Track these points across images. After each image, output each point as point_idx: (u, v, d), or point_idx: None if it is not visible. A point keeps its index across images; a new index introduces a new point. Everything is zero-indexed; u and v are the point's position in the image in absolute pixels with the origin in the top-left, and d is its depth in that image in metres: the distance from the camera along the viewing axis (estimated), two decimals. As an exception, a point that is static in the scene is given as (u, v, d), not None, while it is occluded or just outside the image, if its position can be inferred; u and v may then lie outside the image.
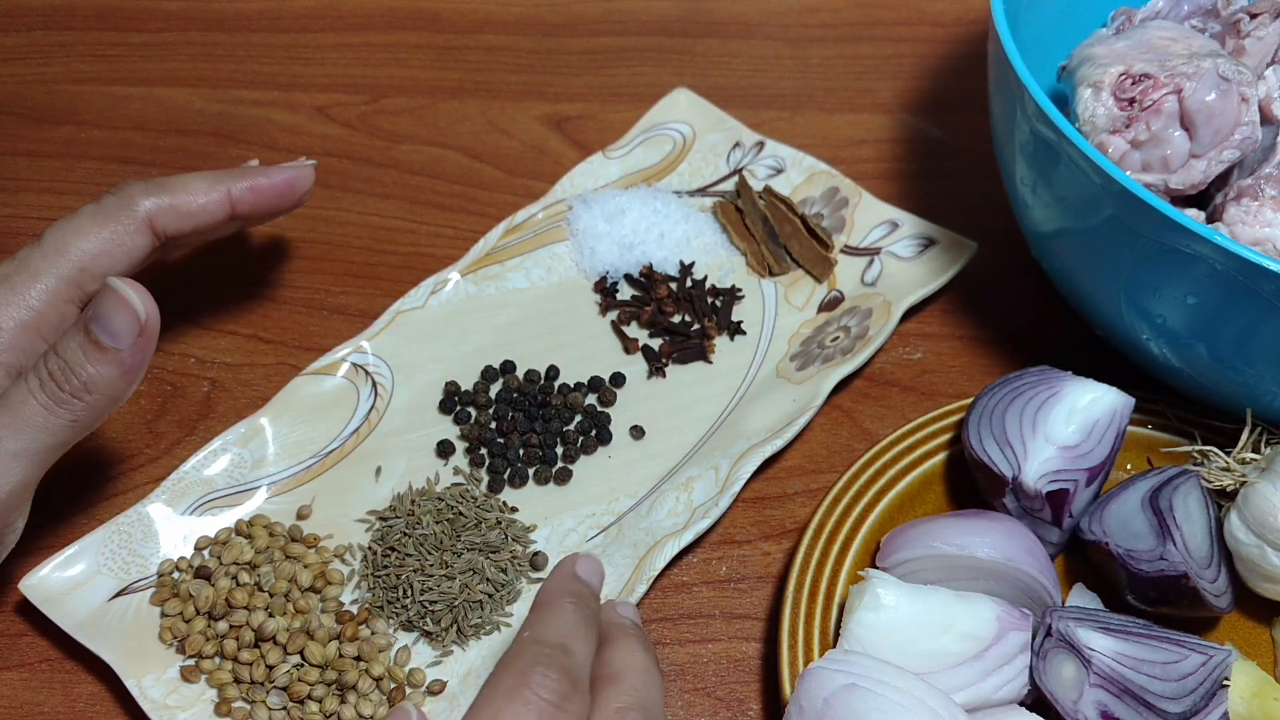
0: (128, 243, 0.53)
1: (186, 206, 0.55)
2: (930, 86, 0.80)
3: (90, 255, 0.52)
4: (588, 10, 0.84)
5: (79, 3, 0.84)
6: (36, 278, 0.51)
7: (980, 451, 0.54)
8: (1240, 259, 0.48)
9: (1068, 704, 0.48)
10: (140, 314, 0.48)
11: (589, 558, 0.47)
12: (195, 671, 0.52)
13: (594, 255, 0.67)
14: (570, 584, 0.46)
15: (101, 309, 0.47)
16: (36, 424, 0.47)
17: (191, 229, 0.56)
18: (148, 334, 0.48)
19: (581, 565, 0.47)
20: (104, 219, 0.53)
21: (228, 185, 0.56)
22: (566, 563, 0.47)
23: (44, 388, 0.47)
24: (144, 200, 0.54)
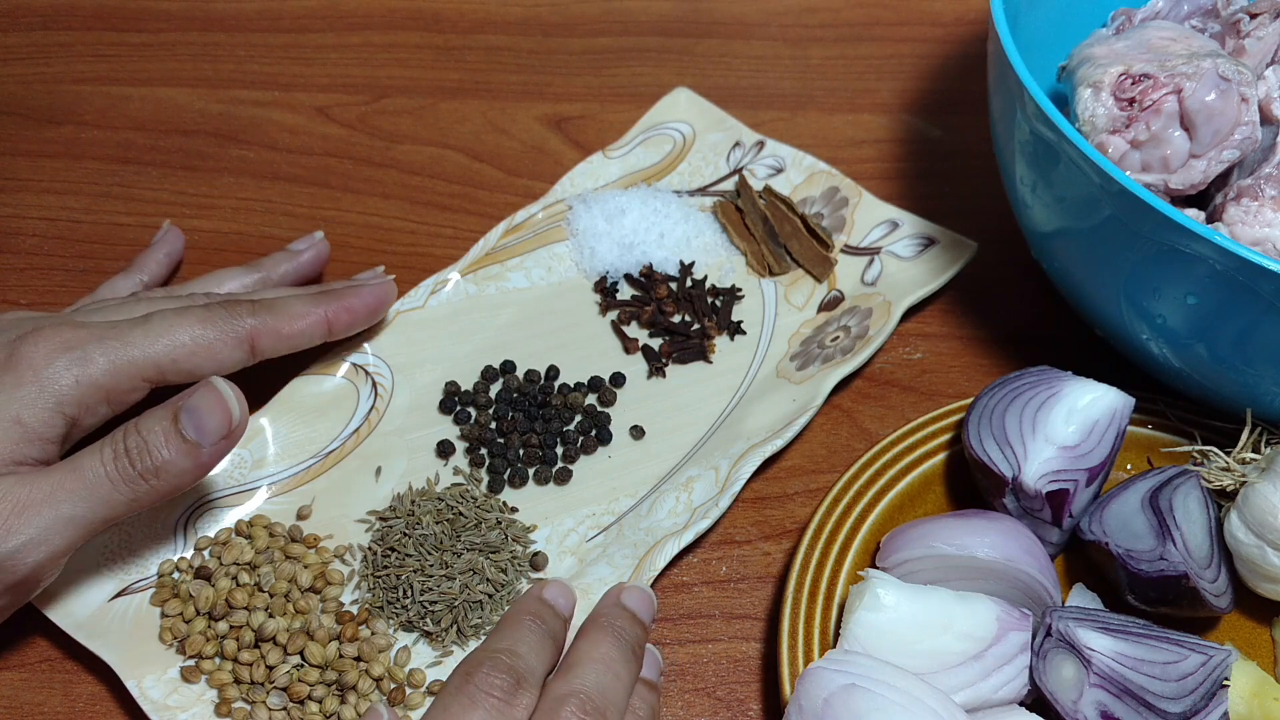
0: (224, 354, 0.54)
1: (288, 329, 0.56)
2: (930, 86, 0.80)
3: (186, 351, 0.52)
4: (588, 10, 0.84)
5: (79, 3, 0.84)
6: (130, 347, 0.51)
7: (980, 451, 0.54)
8: (1240, 259, 0.48)
9: (1068, 704, 0.48)
10: (234, 418, 0.49)
11: (558, 583, 0.50)
12: (195, 672, 0.52)
13: (594, 255, 0.67)
14: (533, 605, 0.48)
15: (197, 403, 0.48)
16: (100, 495, 0.48)
17: (287, 350, 0.57)
18: (232, 439, 0.50)
19: (549, 590, 0.49)
20: (211, 325, 0.53)
21: (324, 308, 0.58)
22: (535, 587, 0.50)
23: (116, 461, 0.48)
24: (250, 319, 0.55)
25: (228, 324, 0.54)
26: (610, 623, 0.48)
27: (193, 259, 0.69)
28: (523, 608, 0.48)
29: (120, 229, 0.70)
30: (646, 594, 0.50)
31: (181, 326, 0.53)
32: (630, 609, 0.49)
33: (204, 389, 0.49)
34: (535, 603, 0.48)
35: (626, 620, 0.48)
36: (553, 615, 0.48)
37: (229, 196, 0.72)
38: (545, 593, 0.49)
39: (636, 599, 0.50)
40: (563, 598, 0.49)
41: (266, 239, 0.70)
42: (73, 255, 0.69)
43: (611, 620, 0.48)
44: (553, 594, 0.49)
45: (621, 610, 0.49)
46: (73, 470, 0.48)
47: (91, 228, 0.70)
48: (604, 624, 0.48)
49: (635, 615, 0.49)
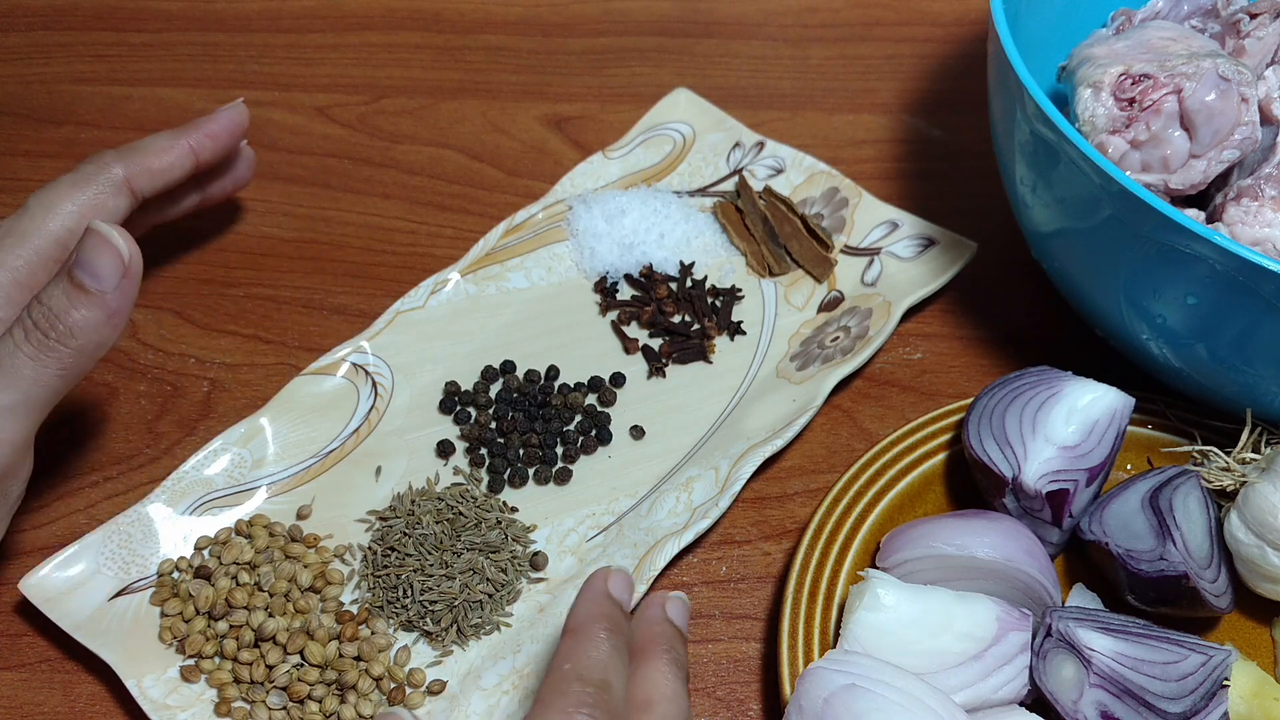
0: (109, 204, 0.56)
1: (157, 164, 0.59)
2: (930, 86, 0.80)
3: (75, 217, 0.54)
4: (588, 10, 0.84)
5: (79, 3, 0.84)
6: (24, 239, 0.53)
7: (980, 451, 0.54)
8: (1240, 259, 0.48)
9: (1068, 704, 0.48)
10: (123, 254, 0.48)
11: (620, 573, 0.46)
12: (195, 671, 0.52)
13: (594, 255, 0.67)
14: (604, 606, 0.45)
15: (85, 252, 0.48)
16: (25, 375, 0.48)
17: (164, 185, 0.59)
18: (131, 276, 0.49)
19: (614, 583, 0.46)
20: (84, 184, 0.55)
21: (186, 139, 0.60)
22: (598, 580, 0.46)
23: (29, 337, 0.48)
24: (118, 165, 0.57)
25: (99, 177, 0.56)
26: (671, 648, 0.45)
27: (193, 259, 0.69)
28: (596, 611, 0.44)
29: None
30: (687, 604, 0.48)
31: (59, 198, 0.54)
32: (678, 626, 0.46)
33: (86, 236, 0.48)
34: (606, 602, 0.45)
35: (680, 642, 0.46)
36: (623, 618, 0.45)
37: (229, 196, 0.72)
38: (611, 586, 0.46)
39: (680, 613, 0.47)
40: (627, 591, 0.46)
41: (266, 239, 0.70)
42: (73, 255, 0.69)
43: (672, 645, 0.45)
44: (617, 588, 0.46)
45: (674, 631, 0.46)
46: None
47: (91, 228, 0.70)
48: (664, 651, 0.45)
49: (682, 632, 0.46)
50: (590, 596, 0.45)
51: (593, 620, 0.44)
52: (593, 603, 0.45)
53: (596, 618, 0.44)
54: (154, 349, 0.65)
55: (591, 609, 0.45)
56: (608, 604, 0.45)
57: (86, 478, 0.60)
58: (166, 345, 0.65)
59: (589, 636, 0.43)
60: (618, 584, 0.46)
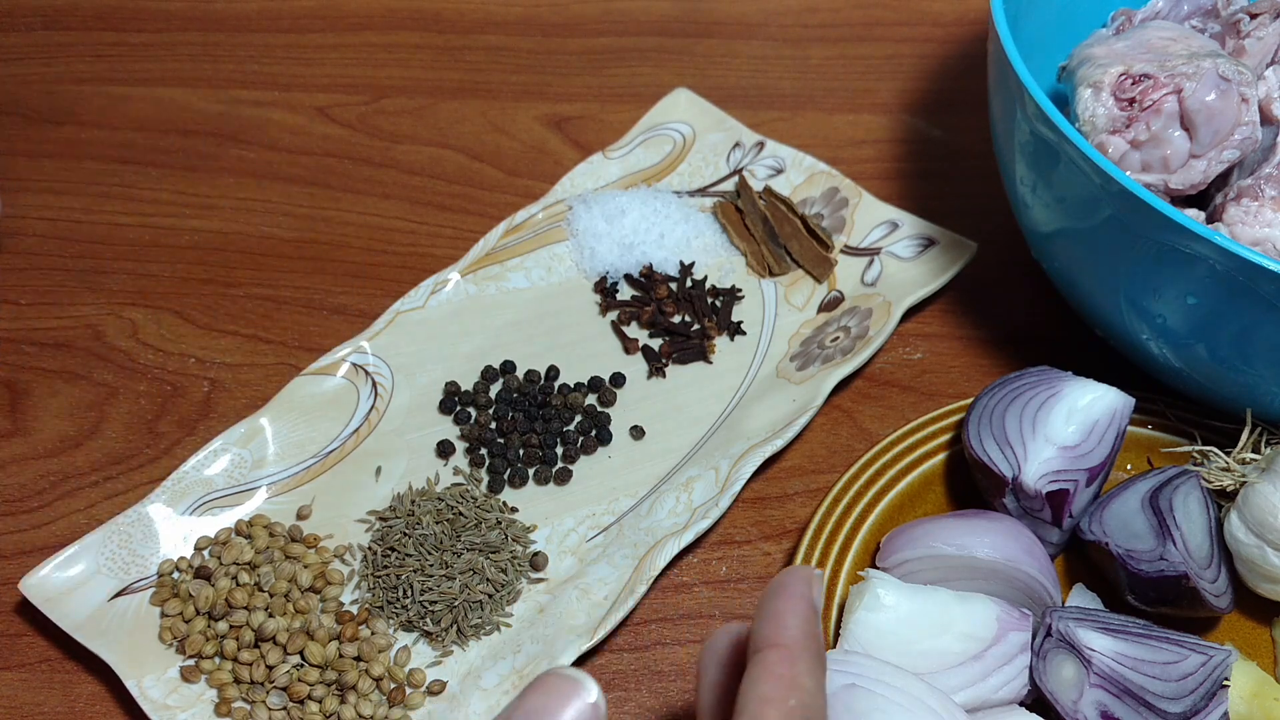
0: None
1: None
2: (930, 86, 0.80)
3: None
4: (588, 10, 0.84)
5: (79, 3, 0.84)
6: None
7: (980, 451, 0.54)
8: (1240, 259, 0.48)
9: (1068, 704, 0.48)
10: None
11: (819, 580, 0.39)
12: (195, 671, 0.52)
13: (594, 255, 0.67)
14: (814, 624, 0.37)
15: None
16: None
17: None
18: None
19: (818, 591, 0.38)
20: None
21: None
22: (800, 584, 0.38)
23: None
24: None
25: None
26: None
27: (192, 259, 0.69)
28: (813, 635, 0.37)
29: (120, 229, 0.70)
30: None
31: None
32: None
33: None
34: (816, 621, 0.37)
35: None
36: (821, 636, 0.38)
37: (229, 196, 0.72)
38: (816, 594, 0.38)
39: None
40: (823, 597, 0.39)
41: (266, 239, 0.70)
42: (72, 255, 0.69)
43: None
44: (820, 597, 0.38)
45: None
46: None
47: (91, 228, 0.70)
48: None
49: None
50: (802, 606, 0.37)
51: (811, 641, 0.36)
52: (806, 617, 0.37)
53: (812, 639, 0.36)
54: (154, 349, 0.65)
55: (806, 625, 0.37)
56: (816, 624, 0.37)
57: (86, 478, 0.60)
58: (166, 345, 0.65)
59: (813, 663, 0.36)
60: (820, 593, 0.39)
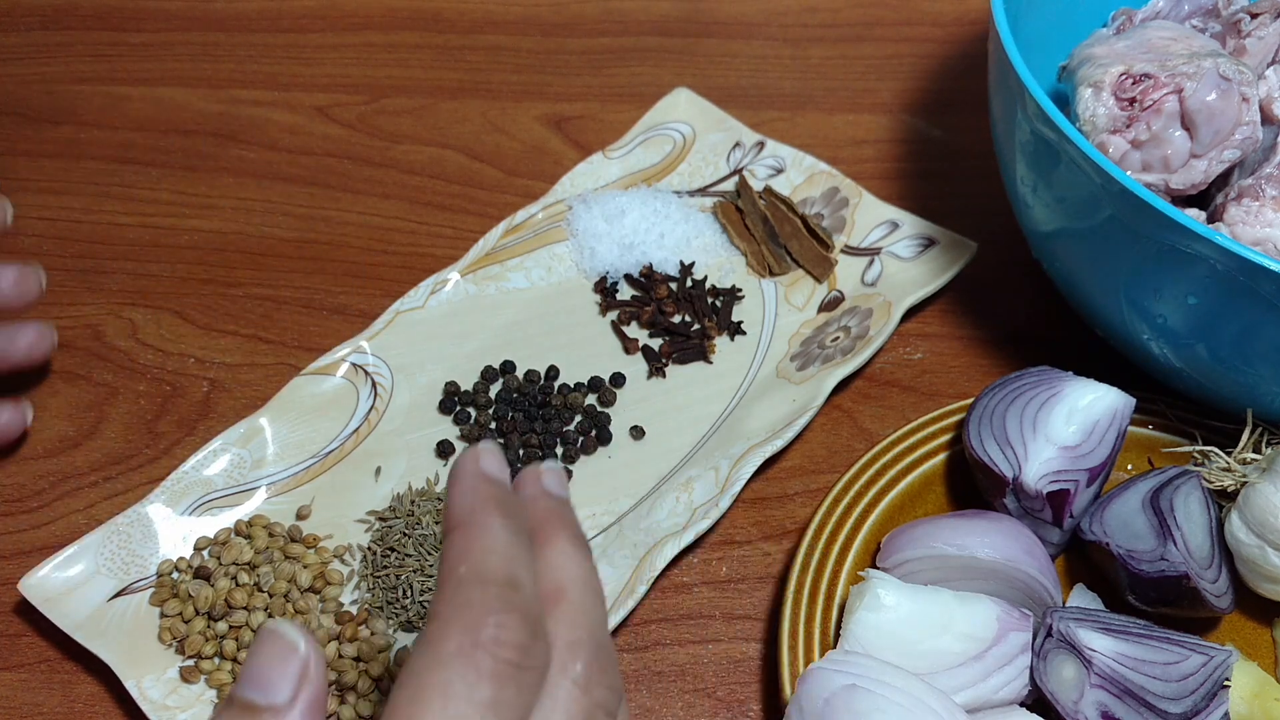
0: None
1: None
2: (930, 86, 0.80)
3: None
4: (588, 10, 0.84)
5: (79, 3, 0.84)
6: None
7: (980, 451, 0.54)
8: (1241, 259, 0.48)
9: (1068, 704, 0.48)
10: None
11: (491, 449, 0.38)
12: (194, 672, 0.52)
13: (594, 255, 0.67)
14: (487, 489, 0.37)
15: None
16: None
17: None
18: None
19: (487, 461, 0.37)
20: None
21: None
22: (469, 463, 0.37)
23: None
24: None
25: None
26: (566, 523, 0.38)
27: (192, 259, 0.69)
28: (483, 494, 0.36)
29: (120, 229, 0.70)
30: (560, 472, 0.40)
31: None
32: (561, 497, 0.39)
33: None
34: (486, 484, 0.37)
35: (571, 513, 0.39)
36: (514, 499, 0.37)
37: (229, 196, 0.72)
38: (484, 464, 0.37)
39: (558, 483, 0.40)
40: (503, 468, 0.38)
41: (266, 239, 0.70)
42: (72, 255, 0.69)
43: (565, 520, 0.38)
44: (495, 466, 0.37)
45: (561, 503, 0.39)
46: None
47: (91, 228, 0.70)
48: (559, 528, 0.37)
49: (569, 503, 0.39)
50: (468, 483, 0.37)
51: (479, 508, 0.36)
52: (473, 489, 0.36)
53: (483, 504, 0.36)
54: (154, 349, 0.65)
55: (472, 496, 0.36)
56: (490, 486, 0.37)
57: (86, 478, 0.59)
58: (166, 345, 0.65)
59: (481, 528, 0.35)
60: (491, 461, 0.37)
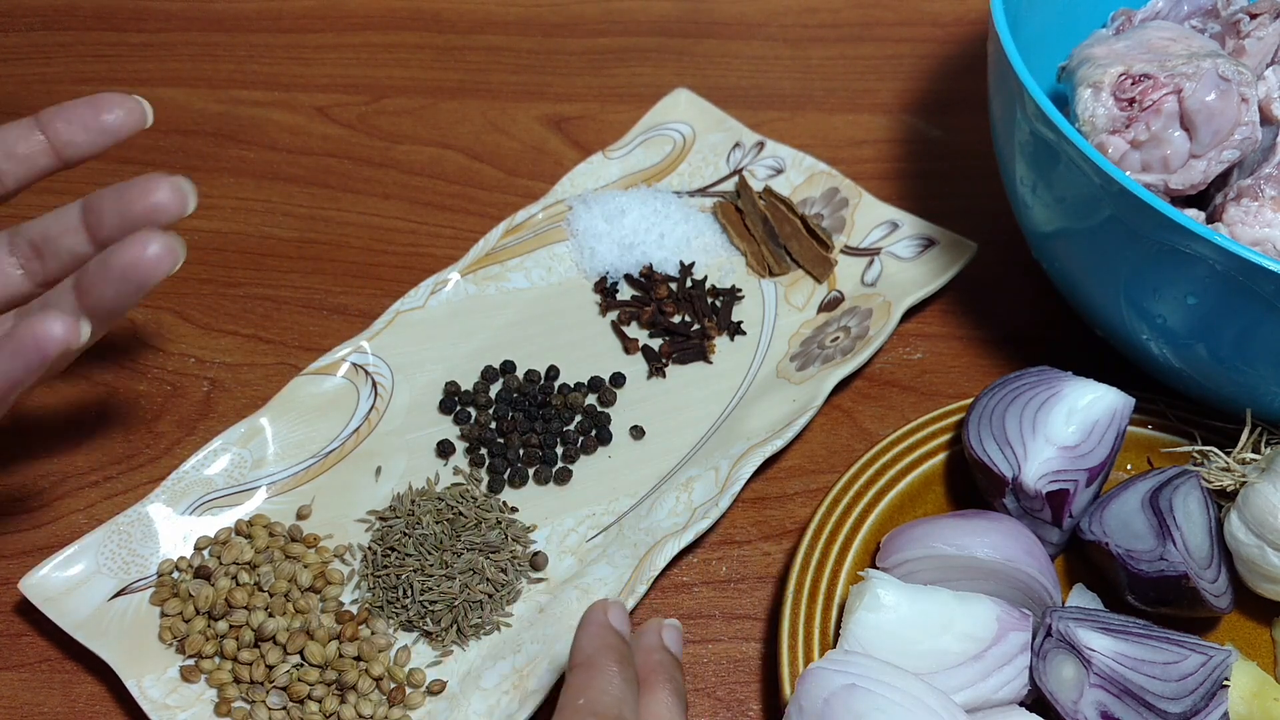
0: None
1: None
2: (930, 86, 0.80)
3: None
4: (588, 10, 0.84)
5: (79, 3, 0.84)
6: None
7: (980, 451, 0.54)
8: (1240, 259, 0.48)
9: (1068, 704, 0.48)
10: None
11: (618, 605, 0.46)
12: (195, 671, 0.52)
13: (594, 255, 0.67)
14: (610, 638, 0.44)
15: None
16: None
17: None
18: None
19: (614, 615, 0.45)
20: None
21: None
22: (598, 613, 0.45)
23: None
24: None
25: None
26: (671, 677, 0.45)
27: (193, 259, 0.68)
28: (603, 643, 0.44)
29: (120, 229, 0.70)
30: (680, 630, 0.47)
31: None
32: (674, 654, 0.46)
33: None
34: (609, 634, 0.44)
35: (678, 670, 0.45)
36: (628, 650, 0.44)
37: (229, 196, 0.72)
38: (612, 618, 0.45)
39: (676, 640, 0.46)
40: (626, 623, 0.45)
41: (267, 239, 0.70)
42: (73, 255, 0.69)
43: (671, 674, 0.45)
44: (618, 619, 0.45)
45: (672, 659, 0.45)
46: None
47: (91, 228, 0.70)
48: (665, 681, 0.44)
49: (678, 660, 0.46)
50: (594, 630, 0.44)
51: (601, 653, 0.43)
52: (598, 635, 0.44)
53: (605, 650, 0.43)
54: (154, 349, 0.65)
55: (597, 641, 0.44)
56: (613, 636, 0.44)
57: (86, 478, 0.60)
58: (166, 345, 0.65)
59: (600, 670, 0.42)
60: (618, 616, 0.45)
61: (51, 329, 0.45)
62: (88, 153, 0.53)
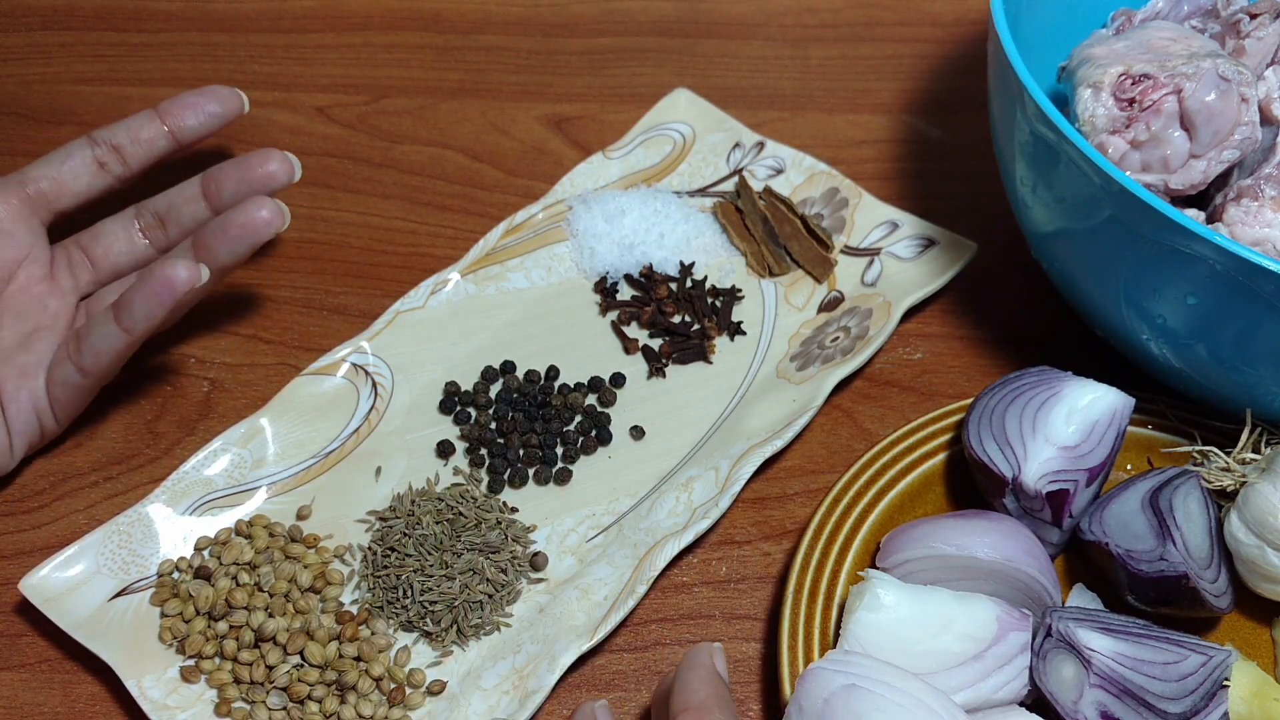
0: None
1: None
2: (930, 86, 0.80)
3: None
4: (588, 10, 0.84)
5: (79, 3, 0.84)
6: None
7: (980, 452, 0.54)
8: (1240, 259, 0.48)
9: (1068, 704, 0.48)
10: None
11: (720, 650, 0.48)
12: (195, 672, 0.52)
13: (594, 256, 0.67)
14: (717, 686, 0.46)
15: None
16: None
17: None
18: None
19: (720, 662, 0.47)
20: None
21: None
22: (705, 657, 0.47)
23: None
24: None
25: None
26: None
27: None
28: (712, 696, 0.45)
29: (120, 229, 0.70)
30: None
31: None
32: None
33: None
34: (719, 684, 0.46)
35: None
36: (731, 699, 0.46)
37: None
38: (720, 667, 0.47)
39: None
40: (726, 668, 0.48)
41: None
42: (73, 255, 0.69)
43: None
44: (723, 665, 0.47)
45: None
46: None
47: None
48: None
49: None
50: (703, 675, 0.46)
51: (711, 700, 0.45)
52: (708, 682, 0.45)
53: (714, 699, 0.45)
54: (154, 349, 0.65)
55: (707, 689, 0.45)
56: (720, 684, 0.46)
57: (86, 478, 0.60)
58: (167, 345, 0.65)
59: (709, 714, 0.44)
60: (722, 662, 0.47)
61: (178, 271, 0.54)
62: (198, 135, 0.63)
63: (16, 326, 0.58)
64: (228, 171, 0.61)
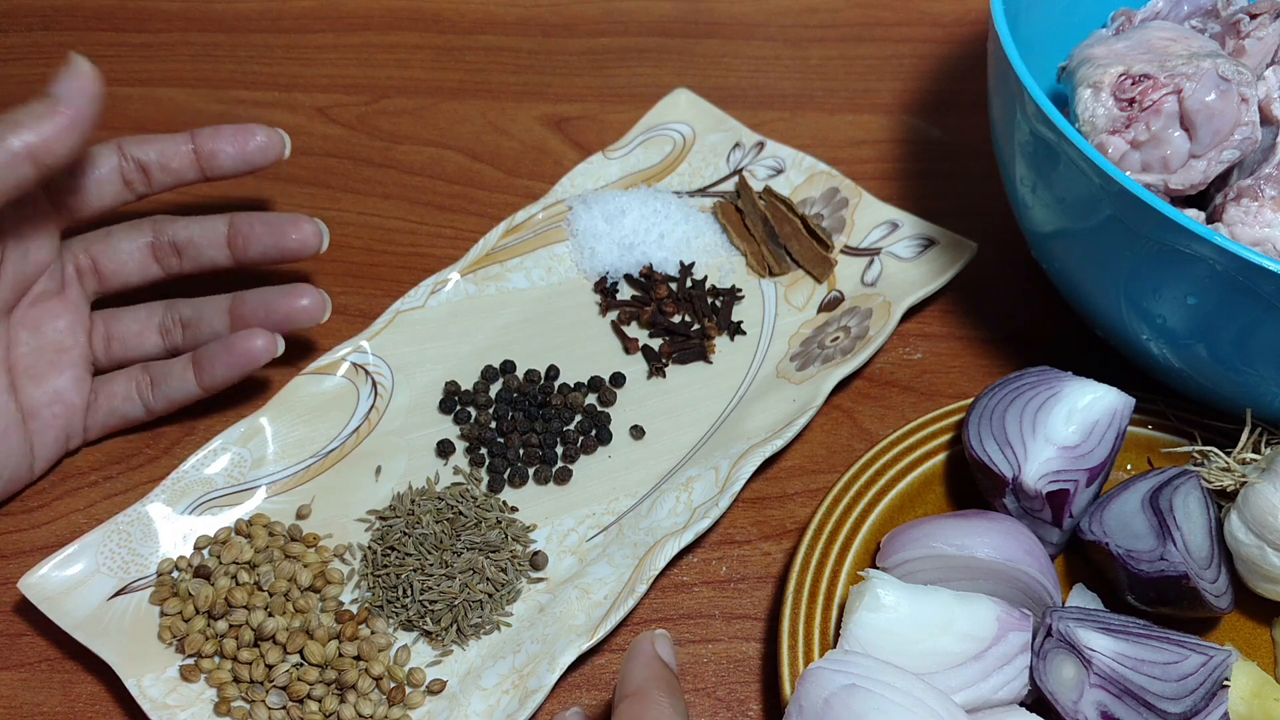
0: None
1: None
2: (930, 86, 0.80)
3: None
4: (588, 10, 0.84)
5: (79, 3, 0.84)
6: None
7: (980, 452, 0.54)
8: (1240, 259, 0.48)
9: (1068, 704, 0.48)
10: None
11: (665, 637, 0.48)
12: (195, 671, 0.52)
13: (594, 256, 0.67)
14: (658, 669, 0.46)
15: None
16: None
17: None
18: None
19: (662, 647, 0.47)
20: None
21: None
22: (646, 645, 0.47)
23: None
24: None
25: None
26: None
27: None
28: (653, 674, 0.45)
29: (120, 229, 0.70)
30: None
31: None
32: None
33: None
34: (658, 665, 0.46)
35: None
36: (676, 682, 0.46)
37: (229, 197, 0.72)
38: (660, 649, 0.47)
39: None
40: (673, 655, 0.47)
41: (266, 239, 0.70)
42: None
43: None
44: (667, 653, 0.47)
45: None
46: None
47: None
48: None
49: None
50: (643, 660, 0.46)
51: (651, 684, 0.45)
52: (646, 666, 0.45)
53: (654, 681, 0.45)
54: (154, 349, 0.65)
55: (647, 672, 0.45)
56: (660, 667, 0.46)
57: (86, 477, 0.59)
58: (166, 345, 0.65)
59: (652, 701, 0.44)
60: (665, 648, 0.47)
61: (257, 343, 0.58)
62: (229, 174, 0.61)
63: (32, 341, 0.57)
64: (259, 230, 0.60)
